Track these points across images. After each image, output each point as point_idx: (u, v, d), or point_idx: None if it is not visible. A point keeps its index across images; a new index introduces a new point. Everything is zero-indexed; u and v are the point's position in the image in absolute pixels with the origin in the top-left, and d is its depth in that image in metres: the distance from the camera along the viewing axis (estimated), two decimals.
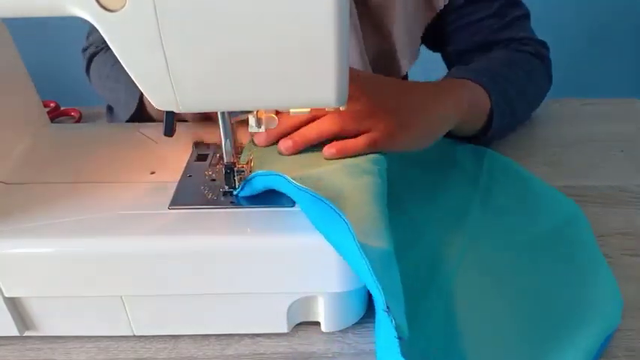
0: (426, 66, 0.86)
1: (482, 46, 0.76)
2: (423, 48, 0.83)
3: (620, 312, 0.50)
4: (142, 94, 0.68)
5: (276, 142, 0.53)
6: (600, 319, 0.49)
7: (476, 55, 0.76)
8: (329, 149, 0.51)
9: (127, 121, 0.71)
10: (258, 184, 0.47)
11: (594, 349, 0.46)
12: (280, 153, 0.52)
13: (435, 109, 0.58)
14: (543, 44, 0.78)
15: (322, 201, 0.43)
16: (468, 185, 0.64)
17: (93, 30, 0.81)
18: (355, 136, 0.52)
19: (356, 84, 0.52)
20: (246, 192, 0.48)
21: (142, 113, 0.70)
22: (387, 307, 0.39)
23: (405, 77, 0.83)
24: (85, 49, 0.81)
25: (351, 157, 0.51)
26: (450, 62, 0.83)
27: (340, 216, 0.42)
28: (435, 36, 0.80)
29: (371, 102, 0.54)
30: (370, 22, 0.76)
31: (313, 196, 0.43)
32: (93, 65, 0.80)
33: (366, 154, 0.52)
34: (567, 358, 0.45)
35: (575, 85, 1.72)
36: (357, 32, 0.74)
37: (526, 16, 0.78)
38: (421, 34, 0.78)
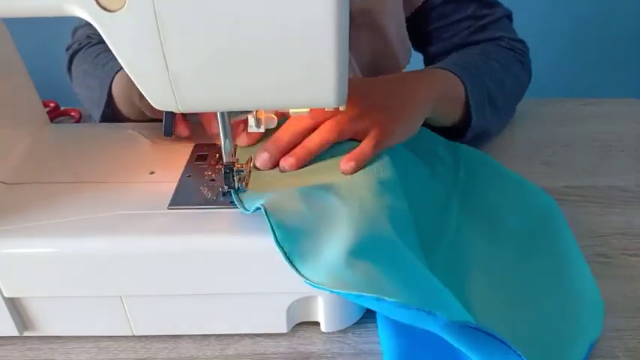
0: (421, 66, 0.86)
1: (460, 47, 0.77)
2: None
3: (602, 317, 0.49)
4: (110, 88, 0.67)
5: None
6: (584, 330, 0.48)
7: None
8: (347, 165, 0.50)
9: (101, 121, 0.70)
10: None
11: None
12: (283, 170, 0.51)
13: (415, 98, 0.59)
14: (520, 41, 0.78)
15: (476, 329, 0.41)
16: (448, 179, 0.64)
17: (79, 27, 0.81)
18: (353, 138, 0.53)
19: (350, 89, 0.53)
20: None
21: (114, 112, 0.69)
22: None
23: None
24: (67, 48, 0.81)
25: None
26: (429, 62, 0.83)
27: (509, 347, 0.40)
28: (417, 36, 0.81)
29: (361, 102, 0.54)
30: (366, 21, 0.76)
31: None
32: (74, 63, 0.78)
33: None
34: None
35: (575, 85, 1.73)
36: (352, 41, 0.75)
37: (506, 17, 0.79)
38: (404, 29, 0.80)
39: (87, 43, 0.76)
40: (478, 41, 0.77)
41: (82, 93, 0.77)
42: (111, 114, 0.70)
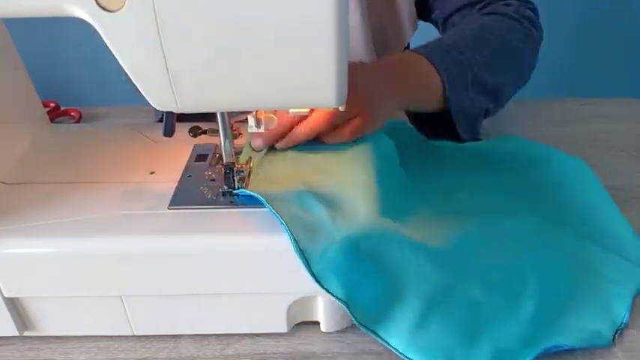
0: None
1: (466, 6, 0.75)
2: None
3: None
4: None
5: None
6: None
7: (461, 16, 0.75)
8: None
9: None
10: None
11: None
12: (254, 148, 0.54)
13: (385, 93, 0.59)
14: (528, 4, 0.75)
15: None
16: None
17: None
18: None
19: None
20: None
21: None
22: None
23: (407, 47, 0.84)
24: None
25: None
26: (441, 28, 0.82)
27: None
28: (421, 5, 0.80)
29: (356, 91, 0.54)
30: None
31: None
32: None
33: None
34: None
35: (575, 85, 1.73)
36: (362, 3, 0.74)
37: None
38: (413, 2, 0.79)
39: None
40: (483, 2, 0.75)
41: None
42: None
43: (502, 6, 0.73)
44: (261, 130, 0.48)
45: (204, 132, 0.53)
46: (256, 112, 0.47)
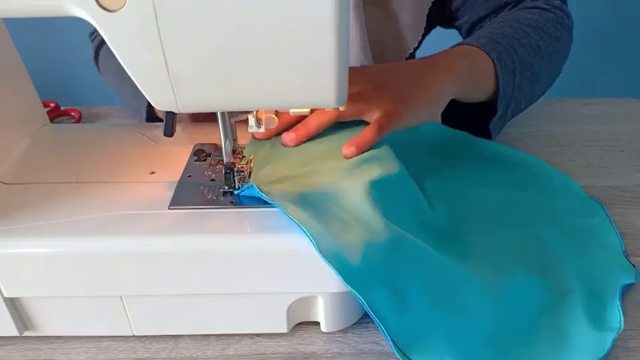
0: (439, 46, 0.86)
1: (496, 10, 0.75)
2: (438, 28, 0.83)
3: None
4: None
5: (274, 141, 0.54)
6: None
7: (490, 20, 0.75)
8: (348, 150, 0.51)
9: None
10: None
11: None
12: (284, 144, 0.54)
13: (432, 81, 0.58)
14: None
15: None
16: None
17: None
18: (355, 118, 0.54)
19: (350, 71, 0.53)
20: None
21: (153, 115, 0.69)
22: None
23: (411, 57, 0.82)
24: (91, 34, 0.79)
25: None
26: (467, 34, 0.81)
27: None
28: (444, 14, 0.79)
29: (366, 84, 0.54)
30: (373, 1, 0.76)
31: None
32: (101, 55, 0.78)
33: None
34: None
35: (575, 85, 1.73)
36: (359, 12, 0.74)
37: None
38: (426, 13, 0.77)
39: None
40: (513, 1, 0.74)
41: (112, 87, 0.76)
42: (151, 118, 0.69)
43: (531, 1, 0.74)
44: (262, 130, 0.48)
45: (209, 154, 0.54)
46: (256, 112, 0.47)
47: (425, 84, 0.57)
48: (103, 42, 0.78)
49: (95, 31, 0.79)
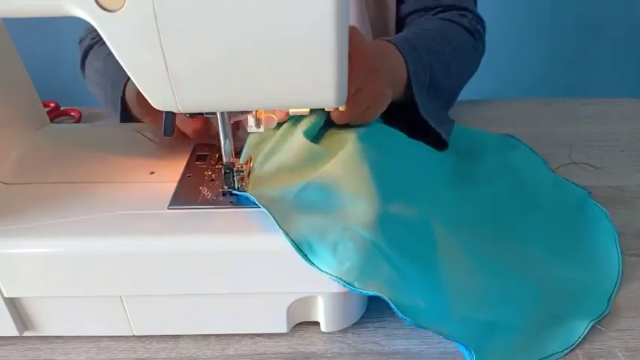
0: None
1: (423, 10, 0.78)
2: None
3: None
4: (124, 93, 0.67)
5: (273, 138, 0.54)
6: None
7: (419, 16, 0.78)
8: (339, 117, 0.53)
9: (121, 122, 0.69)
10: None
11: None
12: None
13: (392, 64, 0.61)
14: (480, 21, 0.79)
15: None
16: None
17: None
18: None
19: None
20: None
21: (129, 114, 0.69)
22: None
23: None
24: (81, 40, 0.80)
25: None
26: (397, 24, 0.83)
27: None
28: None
29: (358, 63, 0.54)
30: None
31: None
32: (87, 61, 0.78)
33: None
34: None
35: (575, 85, 1.73)
36: (362, 4, 0.76)
37: None
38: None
39: (101, 37, 0.75)
40: (442, 5, 0.77)
41: (95, 91, 0.76)
42: (127, 117, 0.69)
43: (458, 16, 0.77)
44: (261, 130, 0.48)
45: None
46: (256, 112, 0.47)
47: (389, 65, 0.60)
48: (89, 49, 0.78)
49: (83, 39, 0.79)
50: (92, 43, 0.77)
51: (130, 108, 0.68)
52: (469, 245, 0.52)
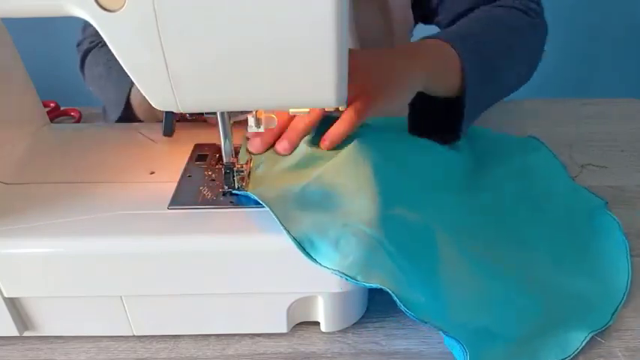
0: None
1: (473, 6, 0.75)
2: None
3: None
4: (129, 93, 0.67)
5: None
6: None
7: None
8: (323, 143, 0.52)
9: (117, 122, 0.70)
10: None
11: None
12: (279, 154, 0.53)
13: (404, 69, 0.58)
14: (534, 0, 0.76)
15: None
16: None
17: (89, 23, 0.81)
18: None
19: None
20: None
21: (130, 114, 0.69)
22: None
23: None
24: (79, 44, 0.80)
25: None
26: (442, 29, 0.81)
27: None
28: (424, 10, 0.80)
29: (352, 74, 0.54)
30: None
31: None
32: (87, 63, 0.78)
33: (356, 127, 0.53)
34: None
35: (575, 85, 1.73)
36: (350, 8, 0.74)
37: None
38: (410, 8, 0.79)
39: (99, 40, 0.75)
40: (489, 2, 0.74)
41: (97, 94, 0.76)
42: (127, 117, 0.69)
43: (507, 1, 0.74)
44: (261, 130, 0.48)
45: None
46: (256, 112, 0.47)
47: (398, 72, 0.57)
48: (88, 52, 0.78)
49: (80, 43, 0.80)
50: (91, 46, 0.77)
51: (133, 109, 0.68)
52: (470, 250, 0.52)
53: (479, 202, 0.60)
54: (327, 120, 0.53)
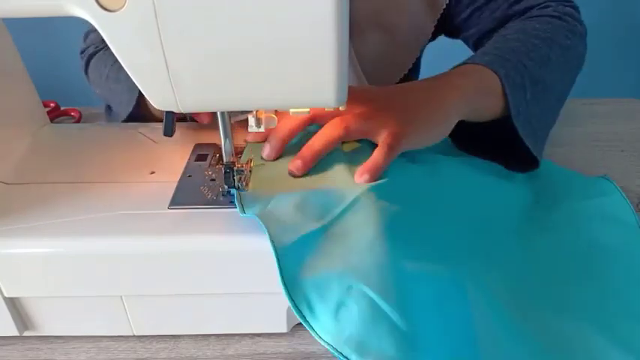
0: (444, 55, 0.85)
1: (503, 21, 0.73)
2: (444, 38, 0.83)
3: None
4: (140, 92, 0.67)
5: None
6: None
7: (498, 32, 0.73)
8: (361, 177, 0.49)
9: (126, 120, 0.69)
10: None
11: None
12: (292, 174, 0.50)
13: (440, 101, 0.57)
14: (566, 2, 0.73)
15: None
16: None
17: (90, 32, 0.81)
18: (361, 137, 0.53)
19: (355, 91, 0.53)
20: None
21: (140, 111, 0.69)
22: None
23: (407, 76, 0.81)
24: (82, 51, 0.81)
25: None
26: (474, 46, 0.79)
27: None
28: (450, 25, 0.78)
29: (372, 103, 0.53)
30: (374, 21, 0.75)
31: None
32: (92, 65, 0.79)
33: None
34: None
35: (575, 85, 1.72)
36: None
37: None
38: (432, 30, 0.77)
39: (103, 46, 0.76)
40: (518, 11, 0.72)
41: (105, 95, 0.76)
42: (137, 114, 0.69)
43: (539, 10, 0.72)
44: (261, 129, 0.48)
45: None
46: (256, 112, 0.47)
47: (433, 104, 0.56)
48: (92, 55, 0.78)
49: (85, 50, 0.80)
50: (96, 50, 0.78)
51: (143, 107, 0.68)
52: (507, 321, 0.45)
53: (532, 251, 0.53)
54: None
